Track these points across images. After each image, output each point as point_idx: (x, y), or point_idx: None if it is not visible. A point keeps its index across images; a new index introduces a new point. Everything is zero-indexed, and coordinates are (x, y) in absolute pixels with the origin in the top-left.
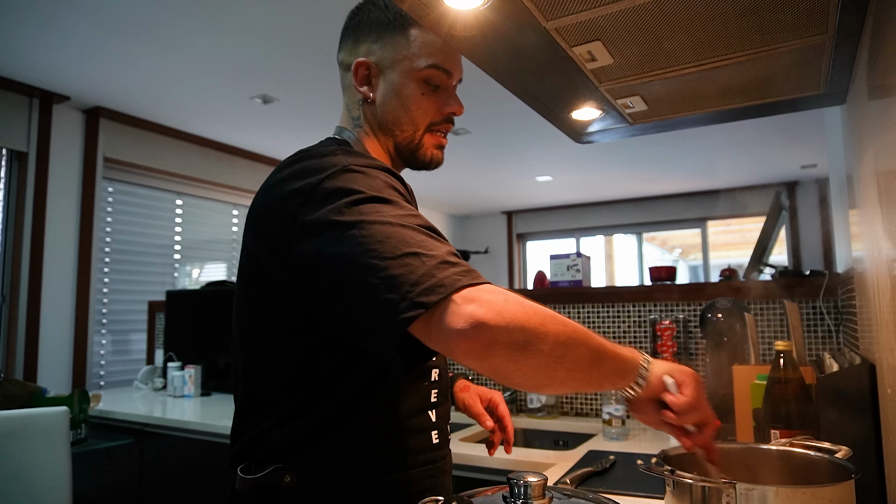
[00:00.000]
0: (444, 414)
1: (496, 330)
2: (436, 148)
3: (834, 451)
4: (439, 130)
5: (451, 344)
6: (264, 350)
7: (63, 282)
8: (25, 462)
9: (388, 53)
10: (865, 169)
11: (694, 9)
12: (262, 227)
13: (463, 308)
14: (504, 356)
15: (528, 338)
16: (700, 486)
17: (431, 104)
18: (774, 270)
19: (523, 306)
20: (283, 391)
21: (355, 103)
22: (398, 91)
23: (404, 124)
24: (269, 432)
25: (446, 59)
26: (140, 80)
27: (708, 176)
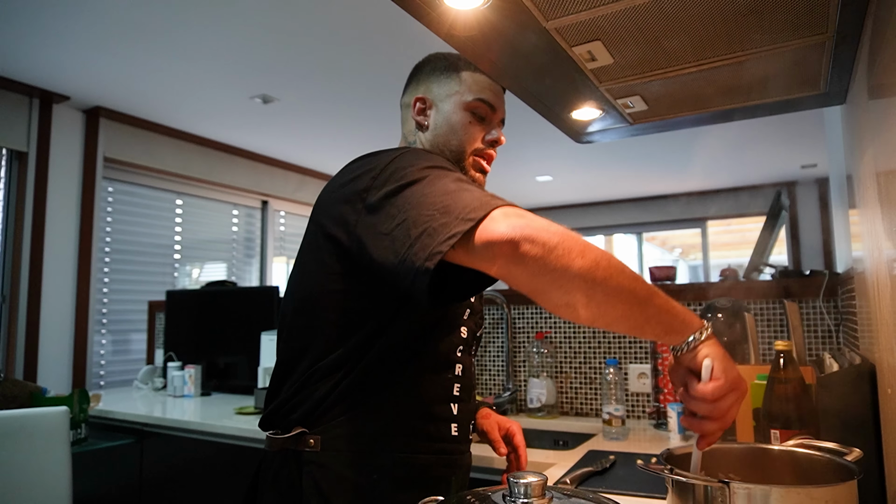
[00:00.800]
0: (467, 412)
1: (533, 238)
2: (477, 171)
3: (844, 453)
4: (482, 156)
5: (487, 248)
6: (312, 316)
7: (63, 282)
8: (25, 462)
9: (442, 90)
10: (865, 169)
11: (694, 9)
12: (333, 202)
13: (504, 219)
14: (535, 265)
15: (566, 251)
16: (702, 486)
17: (477, 131)
18: (774, 270)
19: (567, 231)
20: (319, 355)
21: (411, 131)
22: (449, 118)
23: (453, 146)
24: (298, 395)
25: (492, 96)
26: (140, 80)
27: (708, 176)
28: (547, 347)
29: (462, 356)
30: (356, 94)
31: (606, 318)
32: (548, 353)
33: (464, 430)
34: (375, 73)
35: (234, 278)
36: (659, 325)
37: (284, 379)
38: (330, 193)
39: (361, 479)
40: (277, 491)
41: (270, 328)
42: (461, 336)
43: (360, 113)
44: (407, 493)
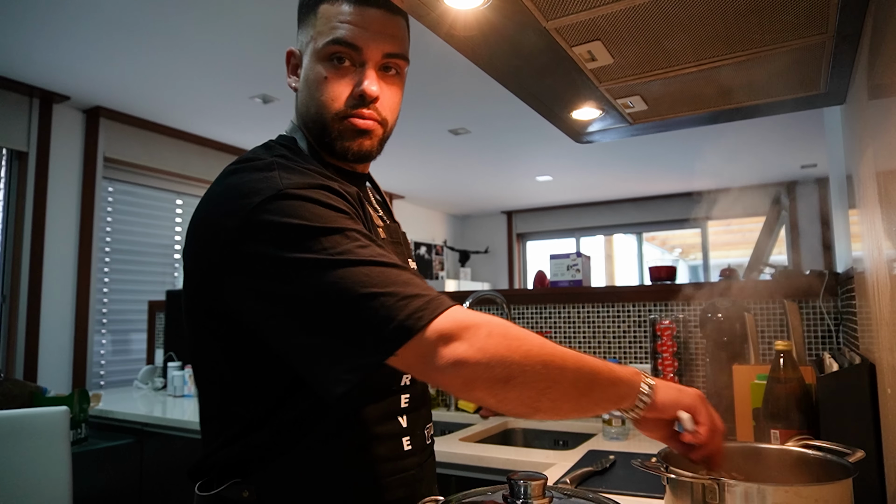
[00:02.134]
0: (420, 419)
1: (477, 367)
2: (352, 137)
3: (846, 454)
4: (353, 115)
5: (433, 378)
6: (211, 368)
7: (63, 282)
8: (25, 462)
9: (303, 37)
10: (865, 169)
11: (694, 9)
12: (195, 245)
13: (443, 347)
14: (485, 390)
15: (510, 372)
16: (699, 484)
17: (337, 87)
18: (774, 270)
19: (506, 338)
20: (234, 408)
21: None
22: (306, 76)
23: (313, 114)
24: (225, 448)
25: (353, 32)
26: (140, 80)
27: (708, 176)
28: None
29: None
30: None
31: (558, 416)
32: None
33: (418, 439)
34: None
35: None
36: (609, 402)
37: (212, 426)
38: (194, 221)
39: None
40: None
41: None
42: None
43: None
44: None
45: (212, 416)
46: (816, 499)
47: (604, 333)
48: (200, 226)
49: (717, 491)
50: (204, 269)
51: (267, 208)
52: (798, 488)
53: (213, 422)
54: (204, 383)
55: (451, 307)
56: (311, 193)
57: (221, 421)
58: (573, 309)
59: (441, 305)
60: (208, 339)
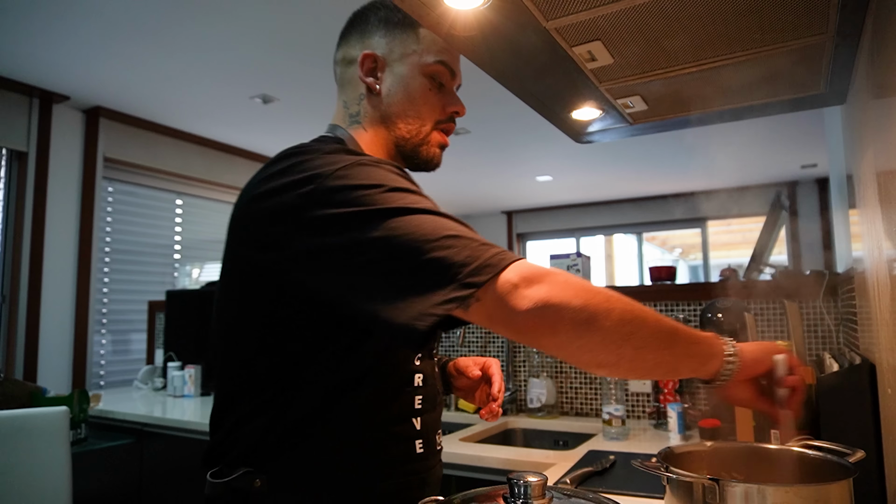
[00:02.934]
0: (432, 422)
1: (561, 308)
2: (438, 146)
3: (847, 454)
4: (444, 129)
5: (517, 324)
6: (243, 347)
7: (63, 282)
8: (25, 462)
9: (396, 48)
10: (866, 169)
11: (694, 9)
12: (255, 223)
13: (526, 289)
14: (570, 332)
15: (593, 314)
16: (699, 484)
17: (437, 101)
18: (774, 270)
19: (585, 285)
20: (257, 390)
21: (355, 98)
22: (406, 83)
23: (410, 117)
24: (239, 430)
25: (452, 59)
26: (140, 80)
27: (708, 176)
28: None
29: (422, 364)
30: None
31: (640, 372)
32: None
33: (430, 443)
34: None
35: None
36: (692, 361)
37: (224, 411)
38: (249, 205)
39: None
40: None
41: None
42: None
43: None
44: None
45: (232, 399)
46: (816, 499)
47: None
48: (259, 204)
49: (716, 491)
50: (268, 242)
51: (344, 174)
52: (797, 488)
53: (235, 404)
54: (233, 365)
55: (523, 258)
56: (384, 164)
57: (238, 409)
58: None
59: (515, 256)
60: (253, 315)
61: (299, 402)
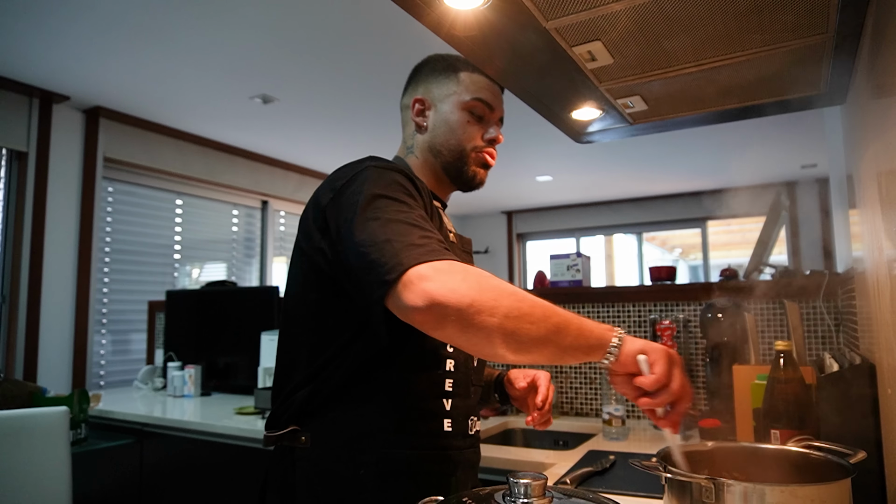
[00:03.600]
0: (464, 408)
1: (446, 305)
2: (479, 166)
3: (848, 455)
4: (482, 153)
5: (409, 316)
6: (296, 324)
7: (63, 282)
8: (25, 462)
9: (441, 91)
10: (866, 169)
11: (694, 9)
12: (307, 215)
13: (418, 285)
14: (455, 328)
15: (477, 311)
16: (697, 484)
17: (475, 130)
18: (774, 270)
19: (479, 282)
20: (307, 362)
21: (410, 134)
22: (447, 118)
23: (452, 145)
24: (292, 396)
25: (490, 96)
26: (140, 80)
27: (708, 176)
28: None
29: (455, 352)
30: (356, 95)
31: (528, 359)
32: None
33: (460, 425)
34: (375, 73)
35: (234, 278)
36: (578, 350)
37: (282, 382)
38: (305, 211)
39: (348, 473)
40: (277, 485)
41: (270, 328)
42: None
43: (360, 113)
44: (394, 487)
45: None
46: (813, 499)
47: None
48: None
49: (714, 491)
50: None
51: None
52: (794, 488)
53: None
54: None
55: (446, 259)
56: (387, 172)
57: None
58: (573, 309)
59: (436, 255)
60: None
61: (340, 373)
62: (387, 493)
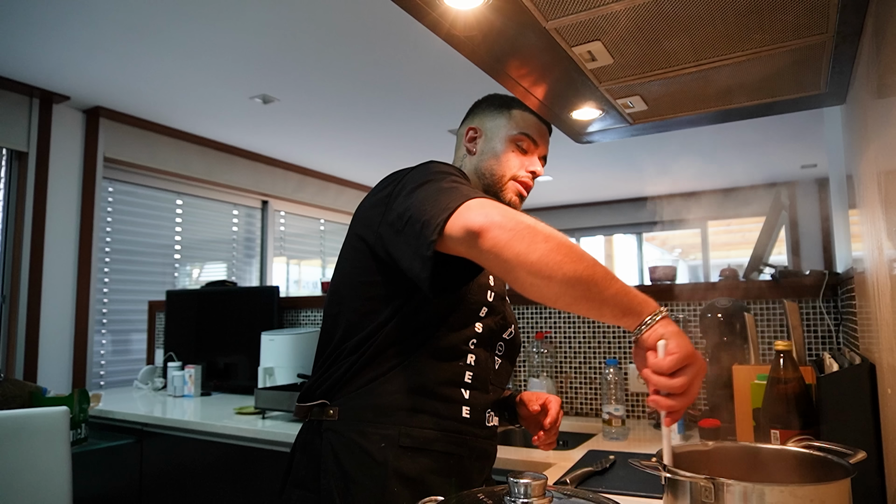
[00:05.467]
0: (483, 401)
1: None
2: (515, 194)
3: (848, 455)
4: (520, 183)
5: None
6: (339, 305)
7: (63, 282)
8: (25, 462)
9: (493, 123)
10: (866, 169)
11: (694, 9)
12: (365, 209)
13: (476, 208)
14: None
15: (533, 235)
16: (697, 484)
17: (517, 161)
18: (774, 270)
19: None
20: (342, 338)
21: (460, 157)
22: (494, 147)
23: (494, 170)
24: (325, 372)
25: (536, 133)
26: (140, 80)
27: (708, 176)
28: (547, 347)
29: (476, 349)
30: (356, 95)
31: (566, 299)
32: (548, 353)
33: (477, 413)
34: (375, 73)
35: (234, 278)
36: (616, 307)
37: (318, 359)
38: (363, 204)
39: (370, 446)
40: (304, 453)
41: (270, 328)
42: (475, 331)
43: (361, 113)
44: (412, 461)
45: (323, 351)
46: (812, 499)
47: (604, 333)
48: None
49: (713, 490)
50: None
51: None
52: (793, 488)
53: (322, 356)
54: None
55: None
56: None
57: (327, 356)
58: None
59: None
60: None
61: (370, 352)
62: (405, 466)
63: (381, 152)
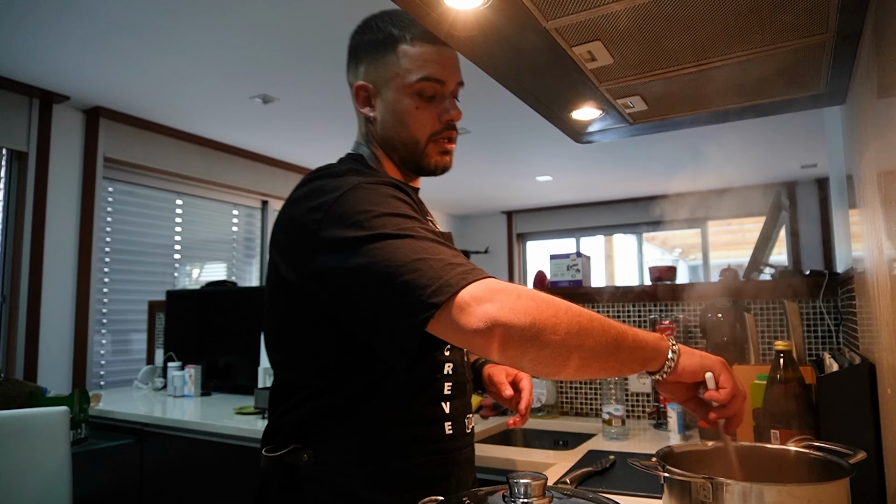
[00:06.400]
0: (462, 407)
1: (509, 326)
2: (440, 155)
3: (848, 455)
4: (442, 138)
5: (470, 341)
6: (288, 347)
7: (63, 282)
8: (25, 462)
9: (381, 73)
10: (866, 169)
11: (694, 9)
12: (285, 241)
13: (477, 307)
14: (518, 348)
15: (540, 330)
16: (696, 484)
17: (428, 116)
18: (774, 270)
19: (535, 300)
20: (306, 381)
21: (362, 122)
22: (394, 108)
23: (405, 139)
24: (290, 413)
25: (437, 69)
26: (140, 80)
27: (708, 176)
28: None
29: (451, 354)
30: None
31: (587, 374)
32: None
33: (458, 425)
34: None
35: (234, 278)
36: (635, 363)
37: (279, 398)
38: (281, 222)
39: (359, 490)
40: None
41: None
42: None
43: None
44: (406, 497)
45: (284, 388)
46: (810, 499)
47: None
48: (289, 225)
49: (712, 490)
50: (295, 260)
51: (346, 198)
52: (792, 488)
53: (286, 392)
54: (281, 361)
55: (488, 277)
56: (380, 187)
57: (290, 396)
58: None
59: (479, 274)
60: (292, 320)
61: (342, 391)
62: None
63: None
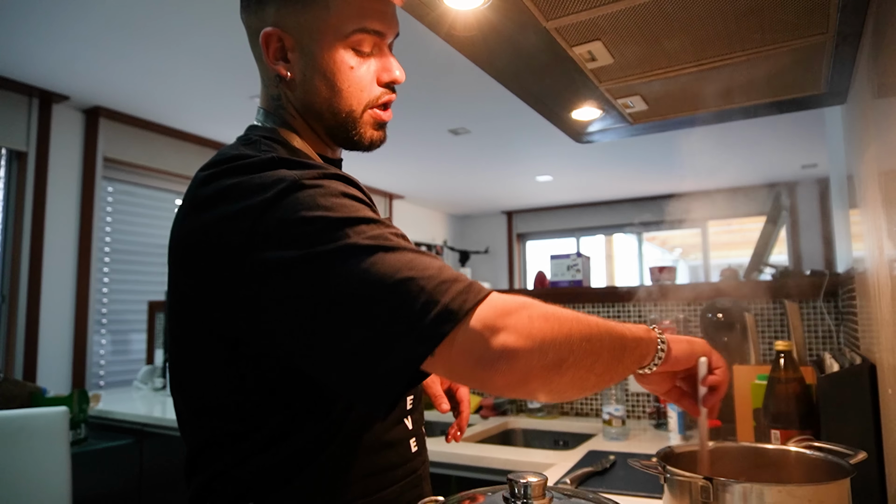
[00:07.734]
0: (420, 417)
1: (530, 356)
2: (375, 127)
3: (849, 455)
4: (379, 106)
5: (484, 380)
6: (211, 392)
7: (63, 282)
8: (25, 462)
9: (303, 20)
10: (866, 169)
11: (694, 9)
12: (193, 259)
13: (492, 339)
14: (540, 380)
15: (560, 354)
16: (696, 484)
17: (364, 76)
18: (774, 270)
19: (547, 320)
20: (244, 431)
21: (272, 80)
22: (322, 68)
23: (335, 107)
24: (235, 469)
25: (376, 16)
26: (140, 80)
27: (708, 176)
28: None
29: None
30: None
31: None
32: None
33: (420, 438)
34: None
35: None
36: (635, 363)
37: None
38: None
39: None
40: None
41: None
42: None
43: None
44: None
45: (214, 442)
46: (811, 499)
47: None
48: (198, 235)
49: (712, 490)
50: (213, 287)
51: (281, 204)
52: (792, 488)
53: (219, 446)
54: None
55: (490, 292)
56: (325, 182)
57: (231, 443)
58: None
59: (480, 292)
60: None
61: (295, 437)
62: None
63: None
